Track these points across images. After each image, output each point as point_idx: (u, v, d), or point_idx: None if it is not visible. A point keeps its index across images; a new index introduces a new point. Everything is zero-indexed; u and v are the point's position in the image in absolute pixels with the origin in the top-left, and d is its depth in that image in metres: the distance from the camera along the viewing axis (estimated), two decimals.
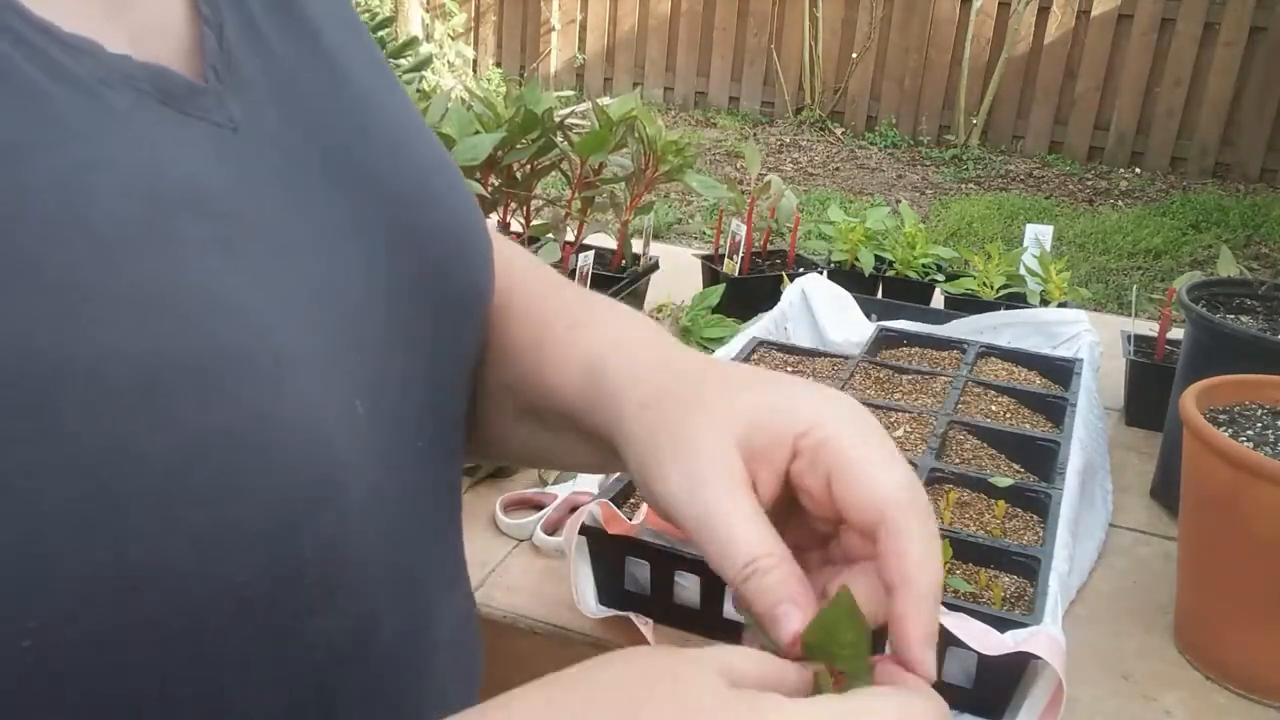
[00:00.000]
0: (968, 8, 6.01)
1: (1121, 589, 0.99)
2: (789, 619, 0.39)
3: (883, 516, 0.40)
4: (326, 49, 0.44)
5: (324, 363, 0.37)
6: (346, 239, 0.41)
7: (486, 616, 0.90)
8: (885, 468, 0.41)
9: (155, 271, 0.32)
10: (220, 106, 0.38)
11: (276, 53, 0.42)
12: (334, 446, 0.36)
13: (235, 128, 0.38)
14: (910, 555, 0.40)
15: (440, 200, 0.47)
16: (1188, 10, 5.65)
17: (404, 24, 5.72)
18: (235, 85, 0.39)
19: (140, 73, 0.35)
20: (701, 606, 0.86)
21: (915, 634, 0.41)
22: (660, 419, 0.43)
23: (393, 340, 0.42)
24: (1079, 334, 1.34)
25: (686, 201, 4.93)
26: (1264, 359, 0.99)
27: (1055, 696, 0.77)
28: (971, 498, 0.97)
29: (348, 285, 0.40)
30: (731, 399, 0.43)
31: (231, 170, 0.37)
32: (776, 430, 0.42)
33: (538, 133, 1.33)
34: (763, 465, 0.42)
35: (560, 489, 1.06)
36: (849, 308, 1.42)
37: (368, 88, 0.46)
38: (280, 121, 0.40)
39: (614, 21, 6.84)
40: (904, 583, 0.40)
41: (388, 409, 0.41)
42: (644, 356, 0.48)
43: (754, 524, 0.40)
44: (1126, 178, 5.77)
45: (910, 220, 1.63)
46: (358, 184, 0.43)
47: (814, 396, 0.43)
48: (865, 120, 6.42)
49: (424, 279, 0.44)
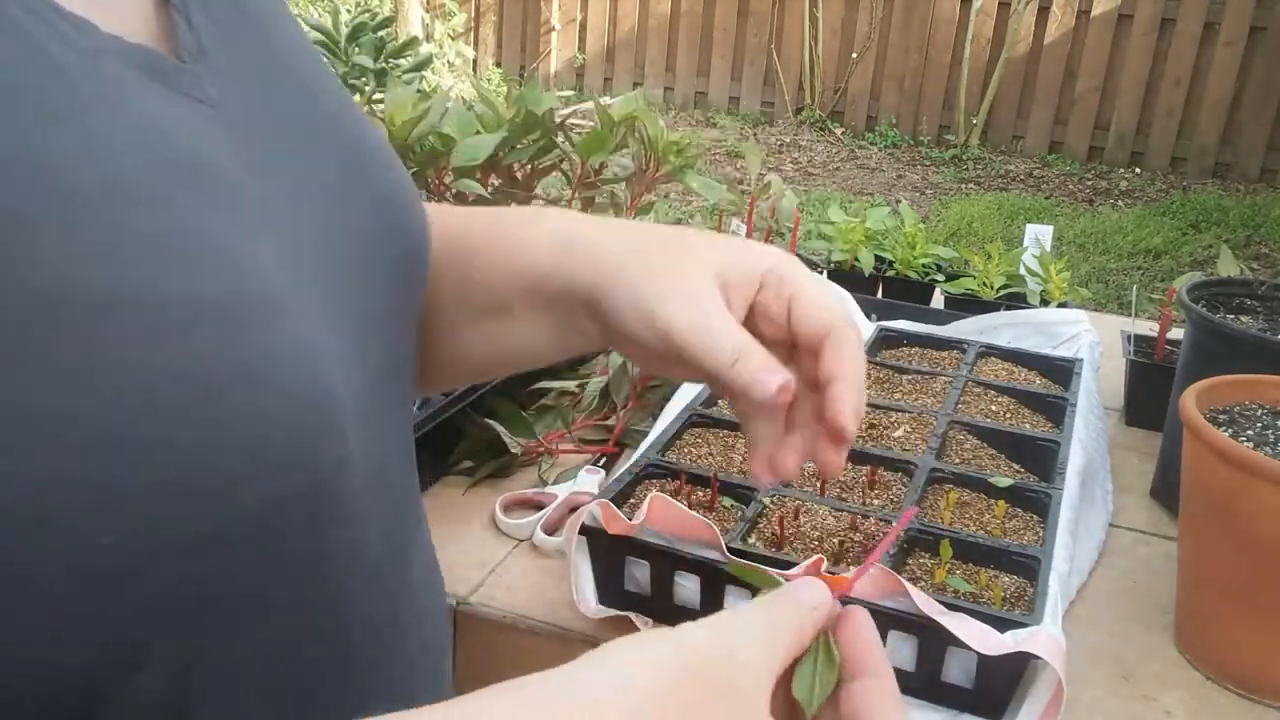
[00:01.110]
0: (968, 8, 6.01)
1: (1121, 589, 0.99)
2: (774, 376, 0.49)
3: (829, 330, 0.51)
4: (275, 47, 0.49)
5: (316, 308, 0.42)
6: (313, 204, 0.46)
7: (486, 616, 0.90)
8: (830, 298, 0.52)
9: (180, 225, 0.36)
10: (199, 85, 0.41)
11: (234, 42, 0.45)
12: (333, 380, 0.40)
13: (213, 105, 0.42)
14: (847, 356, 0.50)
15: (382, 171, 0.52)
16: (1188, 10, 5.65)
17: (404, 24, 5.72)
18: (207, 67, 0.42)
19: (133, 50, 0.38)
20: (701, 607, 0.86)
21: (850, 404, 0.50)
22: (649, 261, 0.53)
23: (360, 290, 0.47)
24: (1079, 334, 1.34)
25: (686, 201, 4.93)
26: (1264, 359, 0.99)
27: (1055, 696, 0.77)
28: (971, 498, 0.97)
29: (322, 242, 0.45)
30: (709, 247, 0.54)
31: (216, 142, 0.40)
32: (747, 268, 0.53)
33: (538, 133, 1.33)
34: (736, 295, 0.52)
35: (560, 489, 1.06)
36: (849, 308, 1.42)
37: (314, 83, 0.51)
38: (249, 102, 0.44)
39: (614, 21, 6.84)
40: (842, 374, 0.50)
41: (366, 351, 0.46)
42: (607, 227, 0.57)
43: (737, 327, 0.51)
44: (1126, 178, 5.77)
45: (910, 220, 1.63)
46: (313, 158, 0.47)
47: (769, 248, 0.55)
48: (865, 120, 6.42)
49: (378, 237, 0.50)
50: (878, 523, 0.90)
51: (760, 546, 0.87)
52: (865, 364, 0.52)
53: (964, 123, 6.08)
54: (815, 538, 0.89)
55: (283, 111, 0.47)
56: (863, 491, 0.96)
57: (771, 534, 0.89)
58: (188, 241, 0.36)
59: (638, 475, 0.96)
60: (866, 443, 1.04)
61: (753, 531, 0.90)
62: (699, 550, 0.84)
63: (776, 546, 0.88)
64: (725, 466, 0.99)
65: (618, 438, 1.15)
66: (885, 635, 0.80)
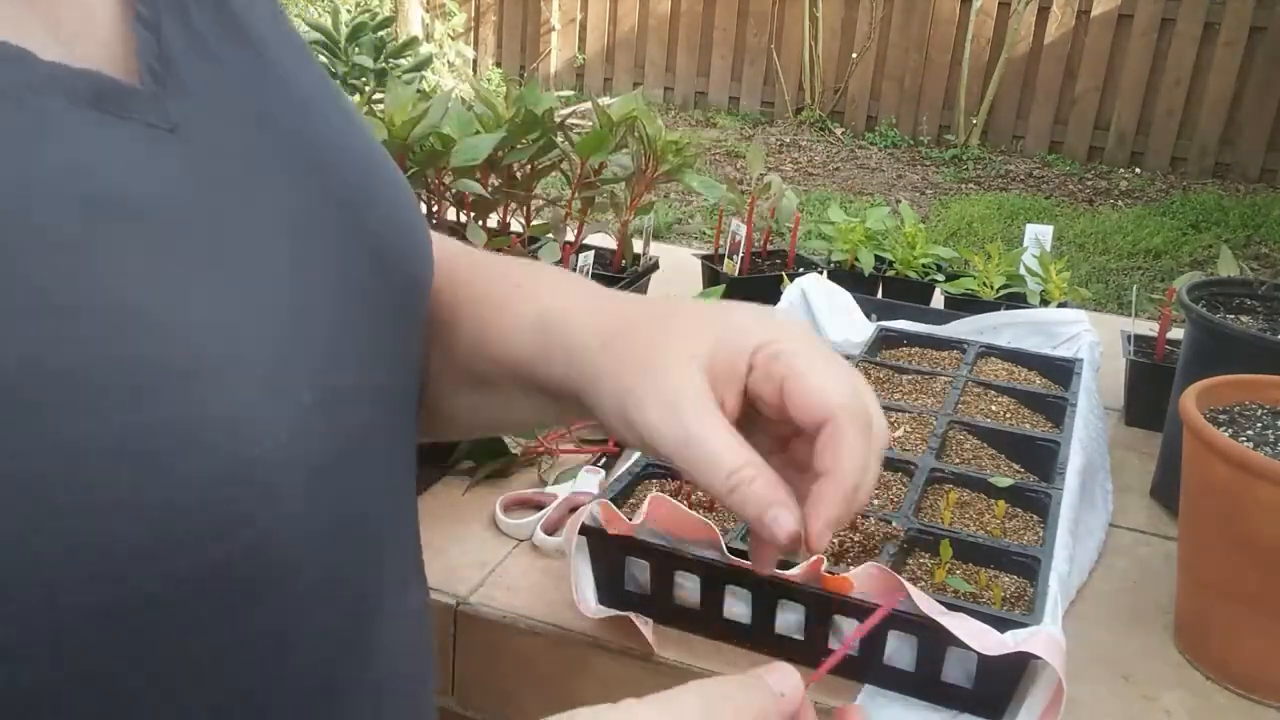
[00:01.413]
0: (968, 8, 6.01)
1: (1121, 589, 0.99)
2: (782, 521, 0.44)
3: (827, 418, 0.45)
4: (269, 59, 0.45)
5: (262, 360, 0.37)
6: (294, 234, 0.42)
7: (486, 616, 0.90)
8: (832, 378, 0.45)
9: (83, 281, 0.32)
10: (156, 107, 0.38)
11: (216, 55, 0.42)
12: (264, 447, 0.36)
13: (172, 128, 0.38)
14: (844, 450, 0.44)
15: (383, 195, 0.48)
16: (1188, 10, 5.65)
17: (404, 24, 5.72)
18: (174, 86, 0.39)
19: (71, 77, 0.35)
20: (701, 606, 0.86)
21: (825, 514, 0.44)
22: (626, 354, 0.47)
23: (344, 329, 0.43)
24: (1079, 334, 1.34)
25: (686, 201, 4.93)
26: (1264, 359, 0.99)
27: (1055, 696, 0.77)
28: (971, 498, 0.97)
29: (295, 279, 0.41)
30: (691, 327, 0.47)
31: (167, 171, 0.37)
32: (735, 348, 0.46)
33: (538, 133, 1.33)
34: (725, 383, 0.46)
35: (560, 489, 1.06)
36: (849, 308, 1.42)
37: (310, 95, 0.47)
38: (222, 122, 0.41)
39: (614, 21, 6.84)
40: (832, 471, 0.44)
41: (341, 397, 0.42)
42: (591, 304, 0.51)
43: (730, 440, 0.44)
44: (1126, 178, 5.77)
45: (910, 220, 1.63)
46: (303, 182, 0.43)
47: (765, 318, 0.48)
48: (865, 120, 6.42)
49: (373, 268, 0.46)
50: (878, 523, 0.90)
51: None
52: (875, 452, 0.46)
53: (964, 123, 6.08)
54: None
55: (269, 132, 0.43)
56: None
57: None
58: (95, 298, 0.32)
59: (638, 475, 0.96)
60: None
61: None
62: (699, 550, 0.84)
63: None
64: None
65: None
66: (885, 635, 0.80)
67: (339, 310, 0.43)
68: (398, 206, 0.49)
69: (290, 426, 0.37)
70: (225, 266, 0.38)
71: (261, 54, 0.45)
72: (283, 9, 0.49)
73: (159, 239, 0.35)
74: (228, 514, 0.35)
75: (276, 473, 0.36)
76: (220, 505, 0.34)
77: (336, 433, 0.41)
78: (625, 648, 0.86)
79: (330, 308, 0.42)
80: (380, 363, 0.46)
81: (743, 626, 0.85)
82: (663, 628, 0.88)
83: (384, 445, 0.46)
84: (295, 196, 0.43)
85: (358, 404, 0.43)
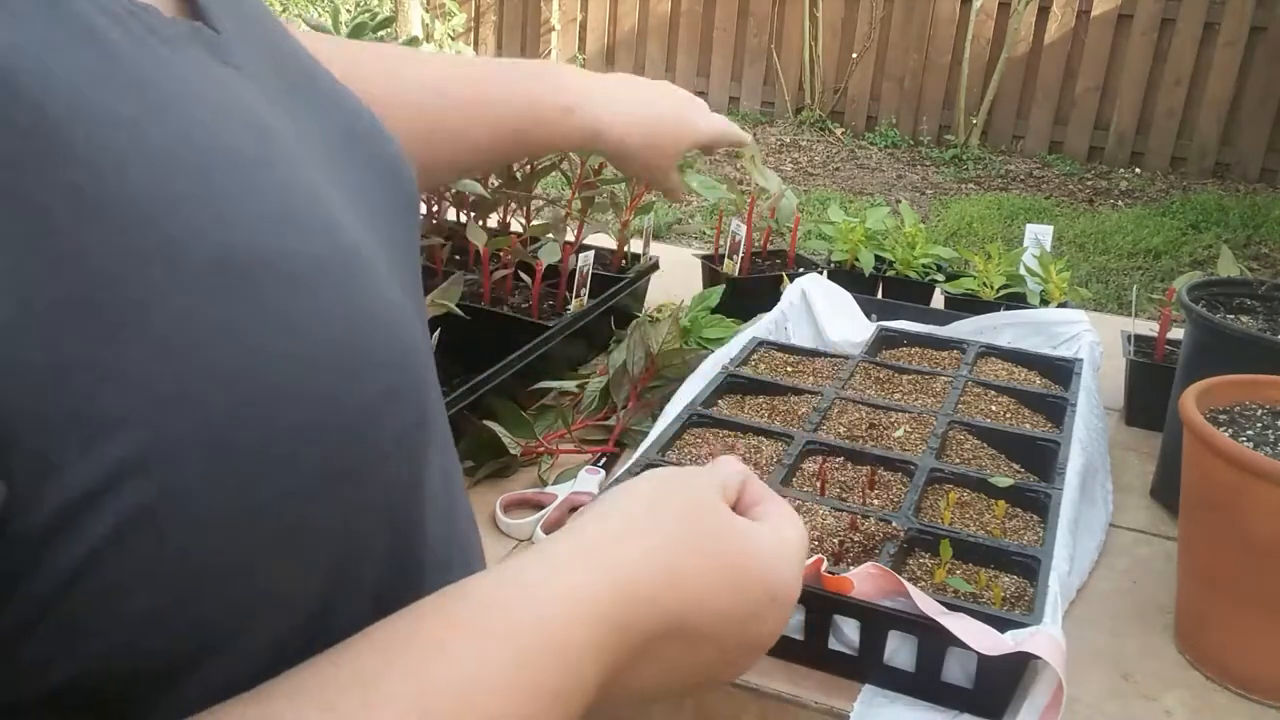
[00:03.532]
0: (968, 8, 6.01)
1: (1121, 589, 0.99)
2: None
3: None
4: (268, 25, 0.50)
5: (380, 260, 0.44)
6: (344, 159, 0.48)
7: None
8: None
9: (287, 188, 0.39)
10: (231, 52, 0.43)
11: (238, 19, 0.46)
12: (413, 328, 0.43)
13: (240, 68, 0.43)
14: None
15: (374, 128, 0.54)
16: (1188, 10, 5.65)
17: (404, 24, 5.72)
18: (226, 33, 0.43)
19: (186, 29, 0.40)
20: None
21: None
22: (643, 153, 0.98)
23: (395, 240, 0.49)
24: (1079, 334, 1.34)
25: (686, 201, 4.93)
26: (1264, 359, 0.99)
27: (1055, 696, 0.77)
28: (971, 498, 0.97)
29: (364, 198, 0.47)
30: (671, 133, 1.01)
31: (264, 105, 0.42)
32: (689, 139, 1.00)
33: None
34: None
35: (560, 489, 1.06)
36: (849, 308, 1.42)
37: (291, 48, 0.52)
38: (261, 64, 0.45)
39: (614, 21, 6.84)
40: None
41: (409, 292, 0.49)
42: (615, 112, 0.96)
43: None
44: (1126, 178, 5.77)
45: (910, 220, 1.63)
46: (330, 125, 0.49)
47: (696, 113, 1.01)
48: (865, 120, 6.42)
49: (384, 192, 0.51)
50: (878, 523, 0.90)
51: None
52: None
53: (964, 123, 6.07)
54: (815, 538, 0.89)
55: (284, 72, 0.48)
56: (863, 491, 0.96)
57: None
58: (295, 201, 0.39)
59: (638, 475, 0.96)
60: (866, 443, 1.05)
61: None
62: None
63: None
64: None
65: (618, 438, 1.15)
66: (885, 635, 0.80)
67: (390, 225, 0.49)
68: (384, 134, 0.55)
69: (411, 315, 0.44)
70: (330, 183, 0.44)
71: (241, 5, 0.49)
72: None
73: (292, 158, 0.41)
74: (421, 380, 0.43)
75: (420, 354, 0.44)
76: (416, 371, 0.42)
77: (420, 324, 0.49)
78: None
79: (385, 224, 0.49)
80: (410, 262, 0.53)
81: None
82: None
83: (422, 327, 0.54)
84: (320, 129, 0.48)
85: (417, 298, 0.52)
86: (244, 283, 0.35)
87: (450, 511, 0.51)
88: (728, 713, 0.84)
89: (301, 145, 0.44)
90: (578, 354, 1.35)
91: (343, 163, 0.48)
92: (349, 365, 0.37)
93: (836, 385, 1.16)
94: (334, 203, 0.42)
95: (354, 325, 0.38)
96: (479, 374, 1.11)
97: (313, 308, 0.37)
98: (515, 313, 1.32)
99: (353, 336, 0.38)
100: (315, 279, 0.37)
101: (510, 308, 1.35)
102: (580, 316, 1.31)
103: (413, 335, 0.43)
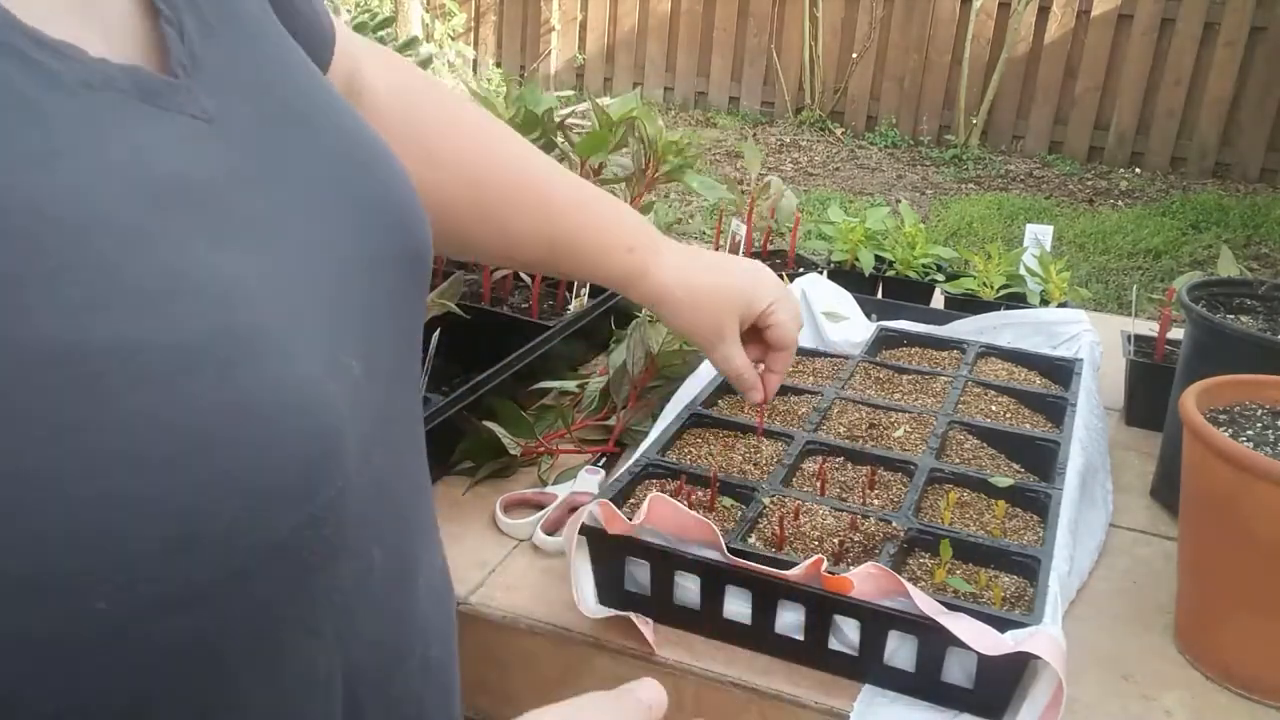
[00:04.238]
0: (968, 8, 6.01)
1: (1121, 589, 0.99)
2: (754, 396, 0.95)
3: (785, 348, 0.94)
4: (265, 46, 0.47)
5: (318, 330, 0.40)
6: (322, 214, 0.44)
7: (486, 617, 0.90)
8: (793, 328, 0.94)
9: (165, 265, 0.35)
10: (193, 100, 0.40)
11: (229, 48, 0.44)
12: (337, 409, 0.39)
13: (209, 119, 0.40)
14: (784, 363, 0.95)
15: (386, 175, 0.51)
16: (1188, 10, 5.65)
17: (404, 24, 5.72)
18: (201, 79, 0.41)
19: (119, 74, 0.37)
20: (701, 606, 0.86)
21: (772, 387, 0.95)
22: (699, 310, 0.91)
23: (375, 301, 0.46)
24: (1079, 334, 1.34)
25: (686, 201, 4.93)
26: (1264, 359, 0.99)
27: (1055, 696, 0.77)
28: (971, 498, 0.97)
29: (332, 257, 0.44)
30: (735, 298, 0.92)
31: (212, 159, 0.39)
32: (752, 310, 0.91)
33: (538, 133, 1.33)
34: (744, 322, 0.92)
35: (560, 489, 1.06)
36: (849, 308, 1.42)
37: (309, 84, 0.50)
38: (244, 110, 0.43)
39: (614, 21, 6.84)
40: (778, 371, 0.95)
41: (377, 367, 0.45)
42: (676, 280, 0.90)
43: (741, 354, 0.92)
44: (1126, 178, 5.77)
45: (910, 220, 1.63)
46: (319, 166, 0.46)
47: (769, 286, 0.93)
48: (865, 120, 6.41)
49: (384, 238, 0.48)
50: (878, 523, 0.90)
51: (760, 546, 0.87)
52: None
53: (964, 123, 6.07)
54: (815, 538, 0.89)
55: (281, 115, 0.45)
56: (863, 491, 0.96)
57: (771, 534, 0.89)
58: (172, 281, 0.35)
59: (638, 475, 0.96)
60: (866, 443, 1.05)
61: (753, 531, 0.90)
62: (699, 550, 0.84)
63: (776, 546, 0.87)
64: (725, 466, 0.99)
65: (618, 438, 1.15)
66: (885, 635, 0.80)
67: (364, 275, 0.46)
68: (395, 174, 0.52)
69: (348, 396, 0.41)
70: (272, 245, 0.40)
71: (256, 40, 0.47)
72: None
73: (215, 222, 0.38)
74: (318, 476, 0.38)
75: (343, 439, 0.39)
76: (310, 467, 0.37)
77: (376, 401, 0.44)
78: (625, 648, 0.86)
79: (358, 273, 0.45)
80: (402, 337, 0.50)
81: (743, 626, 0.85)
82: (663, 628, 0.88)
83: (401, 408, 0.50)
84: (314, 179, 0.45)
85: (389, 376, 0.47)
86: (79, 375, 0.31)
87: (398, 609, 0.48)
88: (728, 712, 0.84)
89: (254, 206, 0.40)
90: (578, 354, 1.36)
91: (325, 227, 0.44)
92: (193, 471, 0.33)
93: (836, 385, 1.16)
94: (266, 275, 0.38)
95: (213, 424, 0.34)
96: (479, 374, 1.11)
97: (157, 404, 0.33)
98: (515, 313, 1.33)
99: (209, 436, 0.34)
100: (171, 370, 0.33)
101: (510, 308, 1.35)
102: (580, 316, 1.31)
103: (319, 424, 0.38)
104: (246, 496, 0.35)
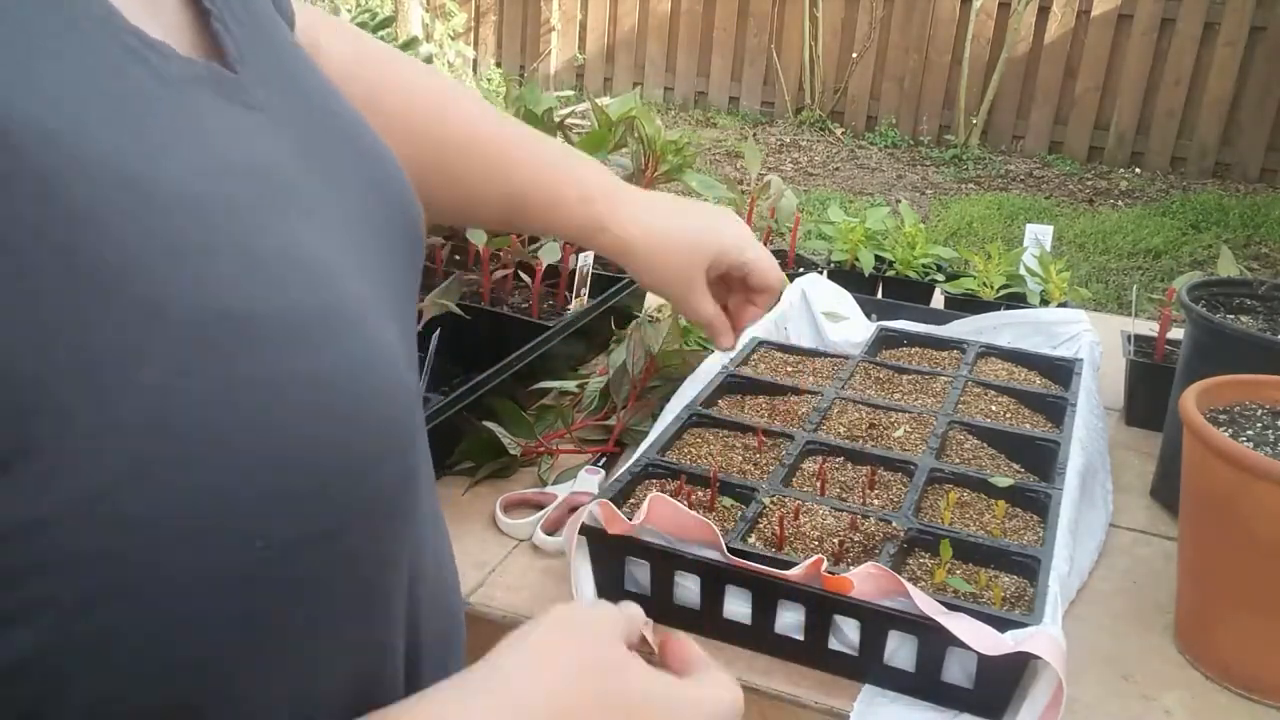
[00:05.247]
0: (968, 8, 6.00)
1: (1121, 589, 0.99)
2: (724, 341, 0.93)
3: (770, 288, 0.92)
4: (277, 46, 0.49)
5: (378, 304, 0.44)
6: (349, 195, 0.47)
7: (486, 616, 0.90)
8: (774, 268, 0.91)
9: (278, 244, 0.38)
10: (249, 92, 0.43)
11: (258, 42, 0.46)
12: (406, 375, 0.43)
13: (262, 109, 0.43)
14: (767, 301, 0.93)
15: (384, 159, 0.54)
16: (1188, 10, 5.65)
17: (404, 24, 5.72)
18: (248, 72, 0.44)
19: (204, 70, 0.40)
20: (701, 606, 0.86)
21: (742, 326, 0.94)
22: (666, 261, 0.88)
23: (392, 280, 0.49)
24: (1079, 334, 1.34)
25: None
26: (1264, 359, 0.99)
27: (1055, 696, 0.77)
28: (971, 498, 0.97)
29: (365, 232, 0.47)
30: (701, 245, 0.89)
31: (274, 147, 0.42)
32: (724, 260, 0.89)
33: None
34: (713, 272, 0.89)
35: (560, 489, 1.06)
36: (849, 308, 1.42)
37: (310, 70, 0.52)
38: (280, 101, 0.45)
39: (614, 21, 6.83)
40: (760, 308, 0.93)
41: (406, 332, 0.49)
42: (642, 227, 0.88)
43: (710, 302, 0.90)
44: (1126, 178, 5.77)
45: (910, 220, 1.63)
46: (338, 150, 0.49)
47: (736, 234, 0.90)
48: (865, 120, 6.41)
49: (394, 225, 0.51)
50: (878, 523, 0.90)
51: (760, 546, 0.87)
52: None
53: (964, 123, 6.07)
54: (815, 538, 0.89)
55: (304, 104, 0.48)
56: (863, 491, 0.96)
57: (771, 534, 0.89)
58: (287, 258, 0.38)
59: (638, 475, 0.96)
60: (866, 443, 1.04)
61: (753, 531, 0.90)
62: (699, 550, 0.84)
63: (776, 546, 0.87)
64: (725, 466, 0.99)
65: (618, 438, 1.15)
66: (885, 635, 0.80)
67: (388, 262, 0.49)
68: (393, 164, 0.55)
69: (404, 357, 0.45)
70: (330, 224, 0.43)
71: (272, 39, 0.49)
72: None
73: (294, 203, 0.41)
74: (401, 432, 0.42)
75: (414, 400, 0.44)
76: (409, 416, 0.42)
77: (411, 362, 0.49)
78: None
79: (384, 260, 0.48)
80: (411, 309, 0.53)
81: (743, 626, 0.85)
82: (663, 628, 0.87)
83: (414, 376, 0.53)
84: (341, 166, 0.48)
85: (412, 337, 0.51)
86: (221, 344, 0.34)
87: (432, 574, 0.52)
88: None
89: (313, 188, 0.43)
90: (578, 354, 1.35)
91: (357, 206, 0.47)
92: (326, 428, 0.37)
93: (836, 385, 1.16)
94: (337, 251, 0.42)
95: (335, 386, 0.37)
96: (479, 374, 1.11)
97: (294, 368, 0.36)
98: (515, 313, 1.32)
99: (332, 398, 0.37)
100: (300, 336, 0.37)
101: (510, 308, 1.35)
102: (580, 316, 1.31)
103: (403, 385, 0.42)
104: (372, 441, 0.39)
